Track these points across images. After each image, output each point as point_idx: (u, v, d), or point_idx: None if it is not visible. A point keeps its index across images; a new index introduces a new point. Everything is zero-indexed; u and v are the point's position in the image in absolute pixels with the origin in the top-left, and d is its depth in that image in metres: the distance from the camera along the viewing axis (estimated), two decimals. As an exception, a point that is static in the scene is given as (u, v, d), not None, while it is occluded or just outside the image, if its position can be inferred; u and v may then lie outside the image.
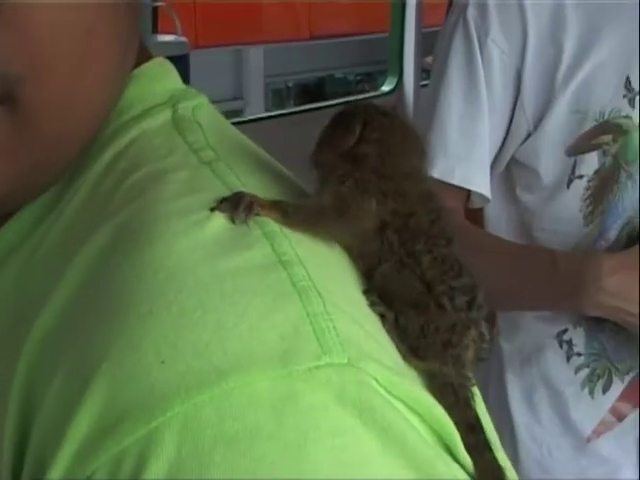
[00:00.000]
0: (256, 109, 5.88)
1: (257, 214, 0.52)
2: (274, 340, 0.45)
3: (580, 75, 1.29)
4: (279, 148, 0.71)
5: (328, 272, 0.52)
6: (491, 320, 1.53)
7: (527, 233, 1.42)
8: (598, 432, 1.40)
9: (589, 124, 1.30)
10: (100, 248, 0.52)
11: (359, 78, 6.87)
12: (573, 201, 1.33)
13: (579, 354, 1.39)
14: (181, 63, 3.80)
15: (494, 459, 0.53)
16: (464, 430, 0.52)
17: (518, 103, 1.33)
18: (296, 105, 6.14)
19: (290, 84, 6.72)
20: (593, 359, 1.38)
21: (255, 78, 5.99)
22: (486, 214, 1.48)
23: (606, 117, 1.29)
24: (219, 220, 0.51)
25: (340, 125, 0.60)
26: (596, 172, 1.31)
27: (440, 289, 0.56)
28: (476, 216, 1.50)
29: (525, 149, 1.35)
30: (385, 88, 5.20)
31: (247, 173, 0.57)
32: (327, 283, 0.50)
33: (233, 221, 0.51)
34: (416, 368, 0.55)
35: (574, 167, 1.32)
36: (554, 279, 1.26)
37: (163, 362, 0.44)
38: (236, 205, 0.51)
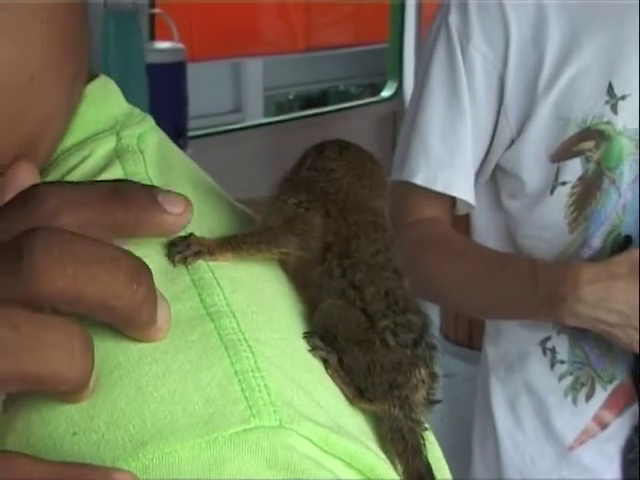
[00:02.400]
0: (255, 121, 5.90)
1: (204, 259, 0.49)
2: (198, 403, 0.42)
3: (562, 81, 1.29)
4: (276, 155, 0.70)
5: (264, 320, 0.48)
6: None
7: (512, 240, 1.41)
8: (581, 440, 1.39)
9: (572, 130, 1.30)
10: None
11: (361, 90, 6.89)
12: (557, 208, 1.33)
13: (562, 362, 1.39)
14: (179, 70, 3.80)
15: None
16: (413, 479, 0.51)
17: (501, 110, 1.33)
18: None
19: (291, 96, 6.73)
20: (576, 367, 1.38)
21: (254, 91, 6.00)
22: (472, 221, 1.48)
23: (588, 123, 1.29)
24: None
25: (301, 157, 0.60)
26: (579, 179, 1.31)
27: (383, 324, 0.54)
28: (463, 223, 1.50)
29: (509, 156, 1.35)
30: (385, 94, 5.23)
31: None
32: (260, 333, 0.46)
33: (174, 265, 0.48)
34: (365, 413, 0.52)
35: (557, 174, 1.32)
36: (533, 288, 1.26)
37: (75, 433, 0.41)
38: (183, 250, 0.49)
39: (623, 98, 1.29)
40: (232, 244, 0.52)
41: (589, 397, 1.38)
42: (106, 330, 0.44)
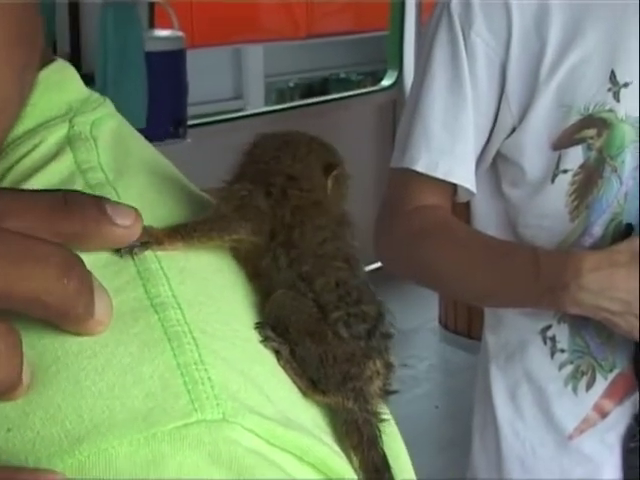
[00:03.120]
0: (256, 108, 5.88)
1: (152, 250, 0.48)
2: (138, 398, 0.40)
3: (564, 68, 1.28)
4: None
5: (213, 310, 0.47)
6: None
7: (513, 228, 1.41)
8: (581, 429, 1.39)
9: (574, 118, 1.29)
10: None
11: (361, 77, 6.88)
12: (558, 196, 1.33)
13: (563, 350, 1.38)
14: (178, 58, 3.80)
15: None
16: (369, 471, 0.51)
17: (503, 97, 1.32)
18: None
19: (291, 84, 6.72)
20: (577, 356, 1.38)
21: (255, 77, 6.00)
22: (473, 209, 1.47)
23: (591, 111, 1.29)
24: (89, 259, 0.45)
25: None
26: (581, 166, 1.31)
27: (335, 315, 0.53)
28: (465, 211, 1.50)
29: (510, 143, 1.35)
30: (385, 83, 5.22)
31: (137, 197, 0.52)
32: (208, 325, 0.45)
33: (121, 256, 0.47)
34: (319, 405, 0.52)
35: (559, 161, 1.31)
36: (535, 276, 1.26)
37: (9, 430, 0.40)
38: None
39: (625, 86, 1.28)
40: (182, 233, 0.51)
41: (589, 386, 1.38)
42: (44, 325, 0.42)
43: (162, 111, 3.70)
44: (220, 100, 5.48)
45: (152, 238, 0.49)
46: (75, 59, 3.91)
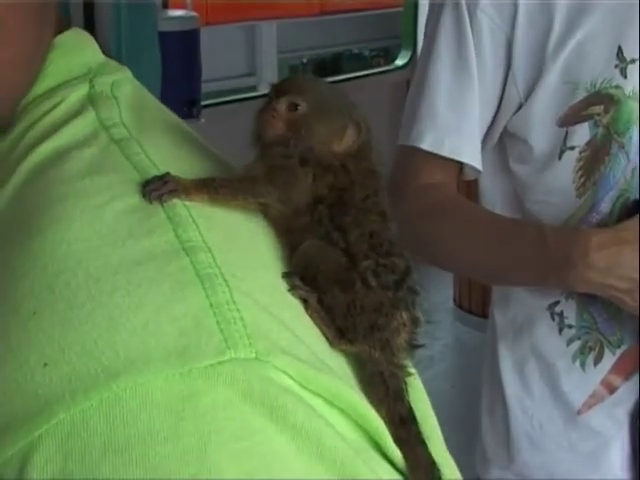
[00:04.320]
0: (269, 85, 5.85)
1: (179, 198, 0.49)
2: (172, 335, 0.42)
3: (571, 45, 1.28)
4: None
5: (242, 257, 0.48)
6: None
7: (520, 205, 1.41)
8: (589, 405, 1.39)
9: (580, 94, 1.29)
10: None
11: (375, 53, 6.85)
12: (565, 173, 1.33)
13: (570, 326, 1.39)
14: (192, 38, 3.79)
15: (426, 454, 0.51)
16: (395, 423, 0.51)
17: (509, 74, 1.32)
18: (313, 80, 6.13)
19: (305, 60, 6.70)
20: (585, 332, 1.38)
21: (268, 54, 5.98)
22: (480, 186, 1.47)
23: (597, 87, 1.28)
24: (121, 203, 0.47)
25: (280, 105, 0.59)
26: (588, 143, 1.30)
27: (365, 264, 0.54)
28: (472, 188, 1.50)
29: (517, 120, 1.34)
30: (399, 62, 5.20)
31: (162, 151, 0.54)
32: (238, 270, 0.46)
33: (150, 202, 0.48)
34: (346, 356, 0.52)
35: (565, 138, 1.31)
36: (542, 254, 1.25)
37: (46, 365, 0.41)
38: (159, 188, 0.49)
39: (633, 62, 1.28)
40: (209, 187, 0.52)
41: (597, 361, 1.38)
42: (77, 263, 0.44)
43: (176, 91, 3.69)
44: (233, 77, 5.47)
45: (180, 187, 0.50)
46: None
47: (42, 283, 0.44)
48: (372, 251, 0.54)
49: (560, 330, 1.39)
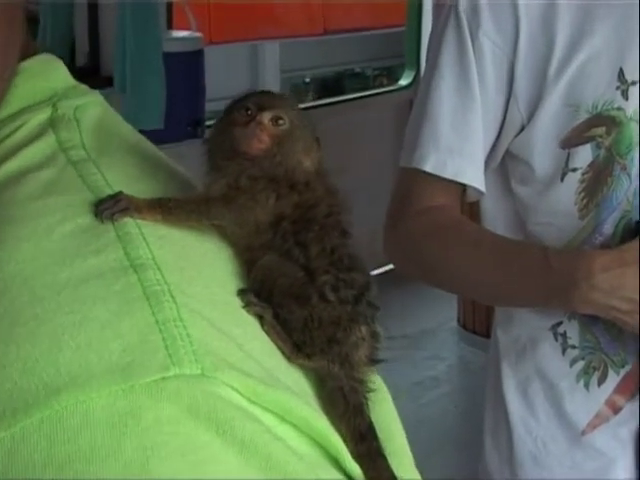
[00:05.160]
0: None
1: (131, 216, 0.49)
2: (116, 352, 0.41)
3: (573, 67, 1.29)
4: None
5: (194, 275, 0.48)
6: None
7: (523, 227, 1.41)
8: (593, 425, 1.39)
9: (582, 116, 1.30)
10: None
11: (377, 72, 6.87)
12: (567, 194, 1.33)
13: (574, 347, 1.39)
14: (196, 59, 3.81)
15: (388, 469, 0.50)
16: (355, 439, 0.51)
17: (511, 96, 1.33)
18: (314, 100, 6.15)
19: (307, 79, 6.71)
20: (588, 352, 1.38)
21: (271, 73, 5.99)
22: (482, 208, 1.48)
23: (599, 109, 1.29)
24: (71, 224, 0.47)
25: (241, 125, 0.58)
26: (590, 165, 1.31)
27: (324, 279, 0.53)
28: (473, 210, 1.50)
29: (519, 142, 1.35)
30: (403, 82, 5.22)
31: (120, 172, 0.53)
32: (188, 287, 0.46)
33: (102, 221, 0.48)
34: (305, 372, 0.52)
35: (568, 160, 1.32)
36: (546, 276, 1.26)
37: None
38: (111, 207, 0.49)
39: (634, 84, 1.29)
40: (162, 206, 0.52)
41: (601, 381, 1.38)
42: (23, 282, 0.44)
43: (180, 111, 3.72)
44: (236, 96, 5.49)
45: (132, 205, 0.50)
46: (94, 60, 3.93)
47: None
48: (332, 266, 0.54)
49: (563, 350, 1.40)
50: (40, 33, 3.69)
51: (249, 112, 0.58)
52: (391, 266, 1.45)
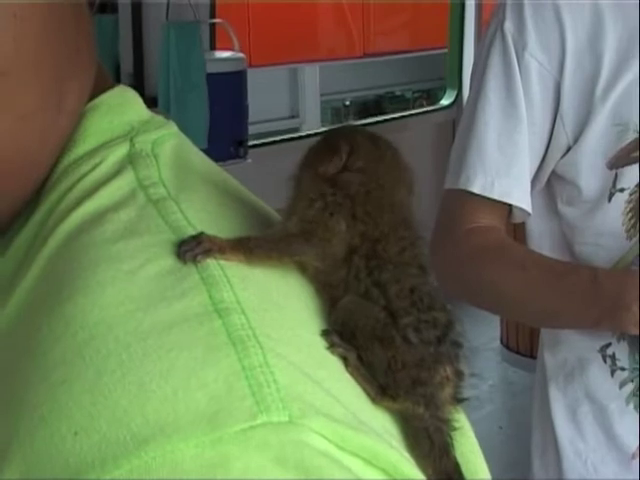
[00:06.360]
0: (313, 127, 5.89)
1: (214, 257, 0.49)
2: (202, 401, 0.41)
3: (620, 87, 1.28)
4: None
5: (277, 317, 0.47)
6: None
7: (569, 248, 1.40)
8: (643, 448, 1.38)
9: (630, 136, 1.29)
10: (25, 302, 0.49)
11: (417, 95, 6.88)
12: (615, 215, 1.32)
13: (623, 369, 1.37)
14: (239, 79, 3.84)
15: None
16: (442, 479, 0.50)
17: (558, 117, 1.32)
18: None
19: (347, 102, 6.74)
20: (638, 374, 1.36)
21: (311, 96, 6.02)
22: (528, 229, 1.47)
23: None
24: (154, 266, 0.47)
25: (326, 150, 0.58)
26: (638, 185, 1.30)
27: (406, 321, 0.53)
28: (519, 232, 1.49)
29: (565, 163, 1.34)
30: (444, 102, 5.22)
31: (200, 210, 0.53)
32: (273, 330, 0.45)
33: (185, 263, 0.48)
34: (390, 413, 0.51)
35: (615, 180, 1.31)
36: (595, 297, 1.25)
37: (76, 433, 0.41)
38: (193, 248, 0.48)
39: None
40: (244, 246, 0.51)
41: None
42: (108, 329, 0.44)
43: (223, 132, 3.73)
44: (276, 119, 5.51)
45: (215, 247, 0.49)
46: (138, 81, 3.98)
47: (72, 350, 0.44)
48: (413, 307, 0.54)
49: (612, 372, 1.38)
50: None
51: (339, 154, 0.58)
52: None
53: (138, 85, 3.96)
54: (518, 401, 4.03)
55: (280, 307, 0.49)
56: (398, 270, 0.55)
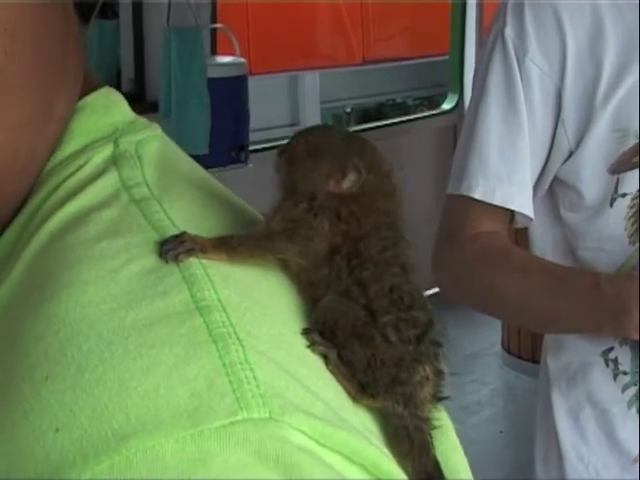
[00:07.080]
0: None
1: (196, 257, 0.49)
2: (183, 396, 0.41)
3: (620, 92, 1.28)
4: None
5: (259, 315, 0.48)
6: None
7: (572, 253, 1.41)
8: (646, 452, 1.38)
9: (631, 141, 1.29)
10: (9, 300, 0.50)
11: (418, 102, 6.88)
12: (617, 220, 1.33)
13: (625, 373, 1.37)
14: (240, 84, 3.84)
15: None
16: (421, 478, 0.51)
17: (559, 122, 1.33)
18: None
19: (348, 109, 6.74)
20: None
21: (311, 104, 6.01)
22: (530, 234, 1.48)
23: None
24: (136, 265, 0.48)
25: (338, 165, 0.57)
26: (639, 190, 1.30)
27: (385, 320, 0.53)
28: (521, 237, 1.50)
29: (567, 168, 1.35)
30: (446, 106, 5.23)
31: (183, 210, 0.54)
32: (253, 328, 0.46)
33: (167, 262, 0.48)
34: (370, 411, 0.52)
35: (617, 185, 1.31)
36: (597, 302, 1.25)
37: (57, 430, 0.41)
38: (175, 247, 0.49)
39: None
40: (227, 245, 0.52)
41: None
42: (90, 327, 0.44)
43: (224, 137, 3.74)
44: (277, 127, 5.51)
45: (197, 246, 0.50)
46: (139, 86, 3.98)
47: (55, 347, 0.44)
48: (392, 306, 0.54)
49: (615, 376, 1.38)
50: (86, 60, 3.75)
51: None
52: (435, 290, 1.45)
53: (139, 90, 3.97)
54: (519, 405, 4.03)
55: (261, 306, 0.49)
56: (379, 269, 0.55)
